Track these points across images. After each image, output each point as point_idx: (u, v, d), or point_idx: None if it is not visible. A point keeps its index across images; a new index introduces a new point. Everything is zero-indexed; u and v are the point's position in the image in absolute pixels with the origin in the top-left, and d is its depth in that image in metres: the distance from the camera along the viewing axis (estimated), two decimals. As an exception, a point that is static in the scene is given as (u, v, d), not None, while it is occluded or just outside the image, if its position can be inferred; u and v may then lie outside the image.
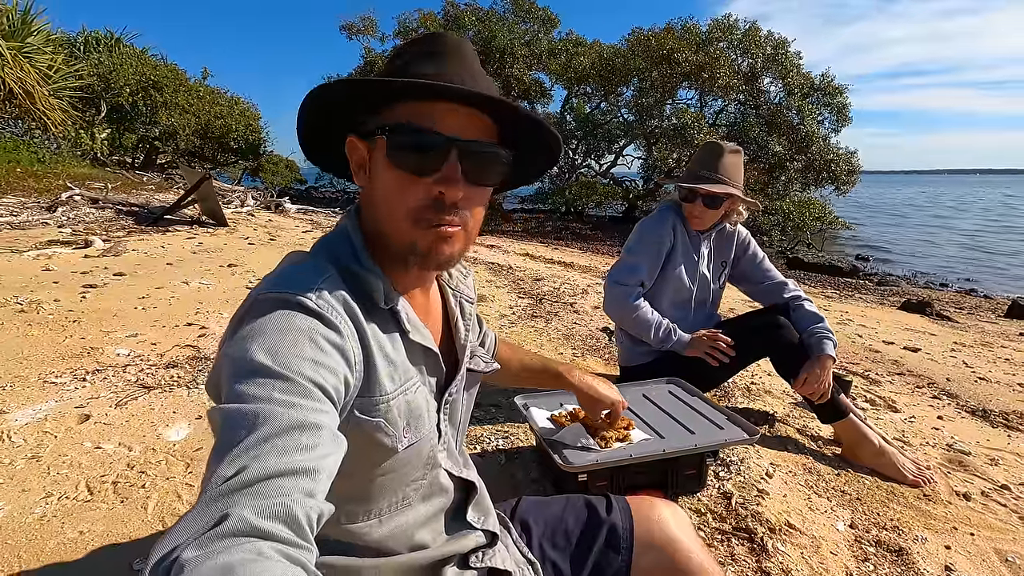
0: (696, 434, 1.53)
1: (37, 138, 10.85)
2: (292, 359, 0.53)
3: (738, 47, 13.82)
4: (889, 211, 29.52)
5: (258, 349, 0.53)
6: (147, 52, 14.41)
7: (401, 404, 0.67)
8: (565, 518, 1.01)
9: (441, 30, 14.86)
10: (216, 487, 0.43)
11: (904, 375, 2.98)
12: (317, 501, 0.46)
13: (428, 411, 0.73)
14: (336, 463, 0.51)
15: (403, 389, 0.68)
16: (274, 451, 0.46)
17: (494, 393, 2.27)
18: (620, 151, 16.15)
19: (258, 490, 0.43)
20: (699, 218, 2.03)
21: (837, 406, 1.91)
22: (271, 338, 0.54)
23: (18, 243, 4.79)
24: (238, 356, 0.53)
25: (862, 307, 5.63)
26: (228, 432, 0.47)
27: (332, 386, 0.55)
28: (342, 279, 0.65)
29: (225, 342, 0.58)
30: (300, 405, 0.50)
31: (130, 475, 1.63)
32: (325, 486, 0.48)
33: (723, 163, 1.97)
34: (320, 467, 0.48)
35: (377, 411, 0.65)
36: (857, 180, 14.10)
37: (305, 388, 0.52)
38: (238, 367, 0.52)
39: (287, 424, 0.48)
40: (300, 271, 0.63)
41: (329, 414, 0.53)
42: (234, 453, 0.45)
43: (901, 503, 1.68)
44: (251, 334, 0.55)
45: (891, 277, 9.62)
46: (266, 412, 0.48)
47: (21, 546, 1.32)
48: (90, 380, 2.27)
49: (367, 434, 0.65)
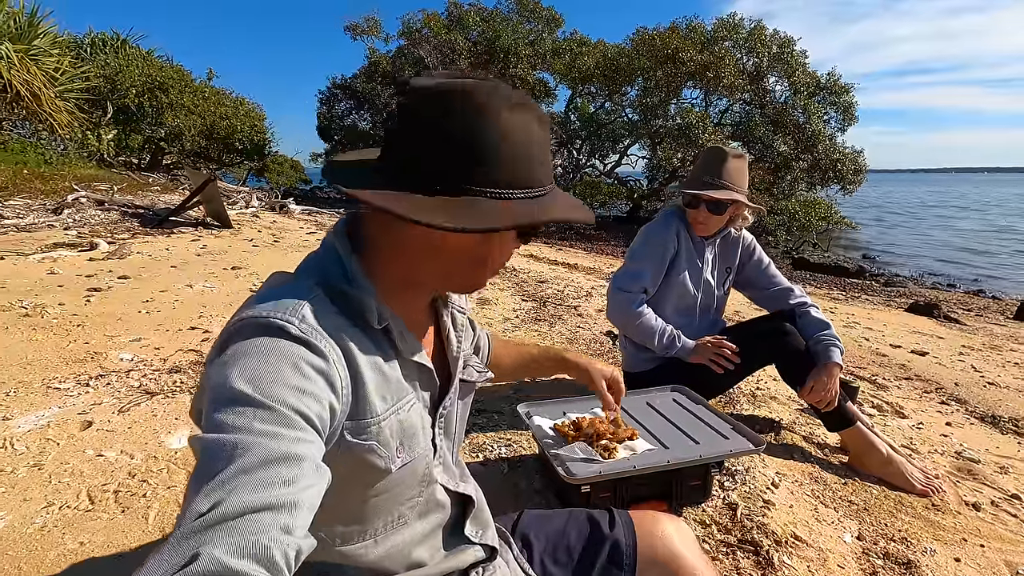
0: (700, 444, 1.51)
1: (44, 139, 10.92)
2: (274, 387, 0.51)
3: (743, 46, 13.76)
4: (896, 210, 29.34)
5: (239, 376, 0.51)
6: (153, 53, 14.50)
7: (393, 424, 0.66)
8: (567, 533, 1.00)
9: (446, 31, 14.92)
10: (189, 523, 0.41)
11: (912, 380, 2.95)
12: (295, 538, 0.44)
13: (423, 428, 0.71)
14: (318, 495, 0.49)
15: (395, 408, 0.67)
16: (251, 484, 0.44)
17: (497, 400, 2.26)
18: (624, 151, 16.11)
19: (233, 527, 0.41)
20: (703, 224, 2.01)
21: (844, 414, 1.88)
22: (253, 365, 0.53)
23: (24, 246, 4.81)
24: (219, 383, 0.52)
25: (868, 309, 5.58)
26: (205, 464, 0.46)
27: (316, 414, 0.54)
28: (330, 299, 0.63)
29: (208, 366, 0.57)
30: (281, 435, 0.49)
31: (131, 484, 1.62)
32: (305, 521, 0.47)
33: (727, 168, 1.94)
34: (300, 501, 0.46)
35: (368, 433, 0.63)
36: (863, 179, 14.02)
37: (287, 417, 0.50)
38: (218, 395, 0.51)
39: (267, 456, 0.46)
40: (284, 293, 0.61)
41: (312, 444, 0.52)
42: (210, 487, 0.44)
43: (909, 513, 1.66)
44: (233, 360, 0.53)
45: (898, 278, 9.55)
46: (245, 443, 0.47)
47: (21, 557, 1.31)
48: (93, 386, 2.27)
49: (359, 456, 0.63)
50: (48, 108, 8.58)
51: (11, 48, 7.70)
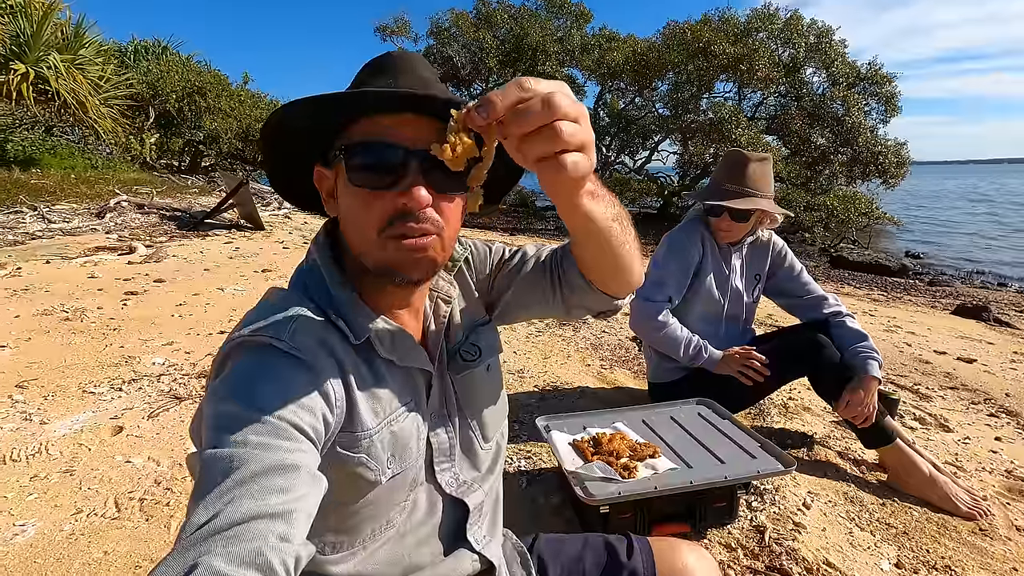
0: (726, 464, 1.44)
1: (90, 145, 11.39)
2: (267, 401, 0.53)
3: (779, 37, 13.35)
4: (943, 203, 28.05)
5: (232, 393, 0.54)
6: (192, 59, 14.96)
7: (385, 437, 0.66)
8: (583, 559, 0.96)
9: (475, 30, 14.94)
10: (189, 534, 0.43)
11: (958, 389, 2.79)
12: (293, 545, 0.45)
13: (417, 438, 0.71)
14: (315, 503, 0.50)
15: (388, 420, 0.66)
16: (248, 494, 0.45)
17: (516, 409, 2.23)
18: (655, 147, 15.84)
19: (230, 535, 0.42)
20: (727, 232, 1.95)
21: (882, 430, 1.78)
22: (246, 382, 0.55)
23: (68, 250, 5.01)
24: (215, 402, 0.54)
25: (911, 311, 5.33)
26: (204, 478, 0.47)
27: (309, 424, 0.55)
28: (319, 312, 0.64)
29: (208, 388, 0.59)
30: (276, 446, 0.50)
31: (156, 492, 1.65)
32: (303, 529, 0.47)
33: (748, 174, 1.87)
34: (296, 509, 0.47)
35: (359, 447, 0.64)
36: (907, 173, 13.44)
37: (281, 428, 0.52)
38: (215, 412, 0.53)
39: (262, 467, 0.48)
40: (276, 311, 0.62)
41: (307, 453, 0.53)
42: (208, 499, 0.45)
43: (954, 538, 1.56)
44: (228, 379, 0.56)
45: (944, 276, 9.10)
46: (241, 455, 0.48)
47: (49, 565, 1.35)
48: (126, 390, 2.34)
49: (349, 469, 0.64)
50: (93, 115, 8.93)
51: (58, 58, 8.02)
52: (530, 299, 0.85)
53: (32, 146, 10.71)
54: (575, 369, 2.77)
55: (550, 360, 2.88)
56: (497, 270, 0.87)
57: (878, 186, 13.58)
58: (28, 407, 2.15)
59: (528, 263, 0.85)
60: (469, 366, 0.80)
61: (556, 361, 2.87)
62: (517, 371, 2.70)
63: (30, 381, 2.37)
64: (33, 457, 1.81)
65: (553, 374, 2.68)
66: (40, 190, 7.62)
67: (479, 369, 0.81)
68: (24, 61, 7.34)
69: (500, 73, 15.72)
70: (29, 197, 7.15)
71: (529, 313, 0.88)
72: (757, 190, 1.87)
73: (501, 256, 0.88)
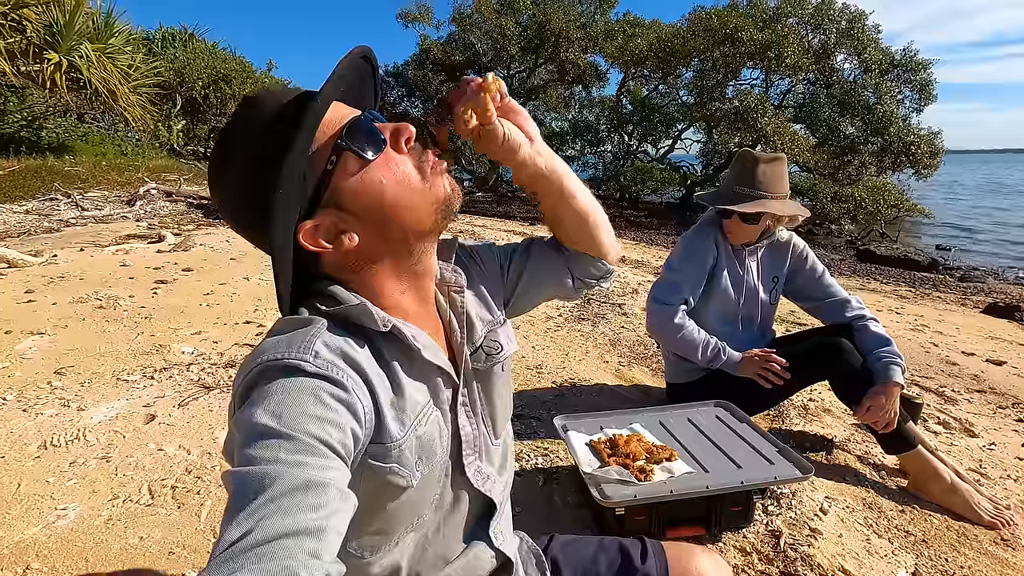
0: (743, 469, 1.45)
1: (120, 132, 11.64)
2: (296, 418, 0.54)
3: (809, 22, 12.95)
4: (978, 195, 27.11)
5: (263, 413, 0.54)
6: (217, 46, 15.11)
7: (412, 443, 0.67)
8: (597, 562, 0.98)
9: (497, 16, 14.79)
10: (222, 551, 0.44)
11: (985, 393, 2.73)
12: (324, 563, 0.46)
13: (440, 436, 0.72)
14: (345, 520, 0.51)
15: (413, 426, 0.67)
16: (279, 512, 0.46)
17: (535, 406, 2.26)
18: (678, 135, 15.58)
19: (262, 553, 0.43)
20: (739, 234, 1.96)
21: (904, 436, 1.77)
22: (275, 402, 0.55)
23: (101, 237, 5.16)
24: (245, 422, 0.55)
25: (940, 310, 5.20)
26: (237, 496, 0.48)
27: (339, 441, 0.56)
28: (337, 328, 0.64)
29: (233, 413, 0.59)
30: (306, 464, 0.51)
31: (187, 480, 1.72)
32: (334, 545, 0.48)
33: (758, 176, 1.86)
34: (327, 526, 0.48)
35: (389, 457, 0.65)
36: (940, 163, 13.01)
37: (311, 446, 0.53)
38: (246, 433, 0.54)
39: (293, 484, 0.49)
40: (294, 333, 0.62)
41: (338, 471, 0.54)
42: (241, 516, 0.46)
43: (974, 548, 1.54)
44: (256, 401, 0.56)
45: (976, 272, 8.81)
46: (273, 473, 0.49)
47: (88, 549, 1.42)
48: (157, 378, 2.42)
49: (382, 478, 0.65)
50: (123, 103, 9.09)
51: (90, 48, 8.17)
52: (546, 279, 0.91)
53: (65, 133, 11.02)
54: (593, 366, 2.79)
55: (569, 356, 2.89)
56: (508, 260, 0.91)
57: (910, 177, 13.19)
58: (66, 394, 2.25)
59: (535, 245, 0.92)
60: (493, 359, 0.82)
61: (575, 357, 2.88)
62: (536, 367, 2.73)
63: (68, 368, 2.47)
64: (72, 443, 1.89)
65: (571, 370, 2.70)
66: (73, 177, 7.84)
67: (497, 366, 0.83)
68: (57, 50, 7.49)
69: (522, 60, 15.57)
70: (63, 184, 7.37)
71: (543, 294, 0.94)
72: (768, 192, 1.86)
73: (506, 249, 0.92)
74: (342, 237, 0.65)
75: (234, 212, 0.67)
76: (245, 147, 0.64)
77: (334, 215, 0.65)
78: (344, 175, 0.64)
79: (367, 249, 0.67)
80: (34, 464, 1.77)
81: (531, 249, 0.92)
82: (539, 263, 0.90)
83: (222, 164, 0.66)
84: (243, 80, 14.38)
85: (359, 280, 0.69)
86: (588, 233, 0.87)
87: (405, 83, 17.72)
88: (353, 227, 0.65)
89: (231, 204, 0.67)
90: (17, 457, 1.81)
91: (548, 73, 15.99)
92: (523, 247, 0.92)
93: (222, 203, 0.68)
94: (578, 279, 0.92)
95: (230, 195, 0.66)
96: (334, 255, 0.67)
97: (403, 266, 0.71)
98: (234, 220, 0.68)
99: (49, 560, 1.38)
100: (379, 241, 0.67)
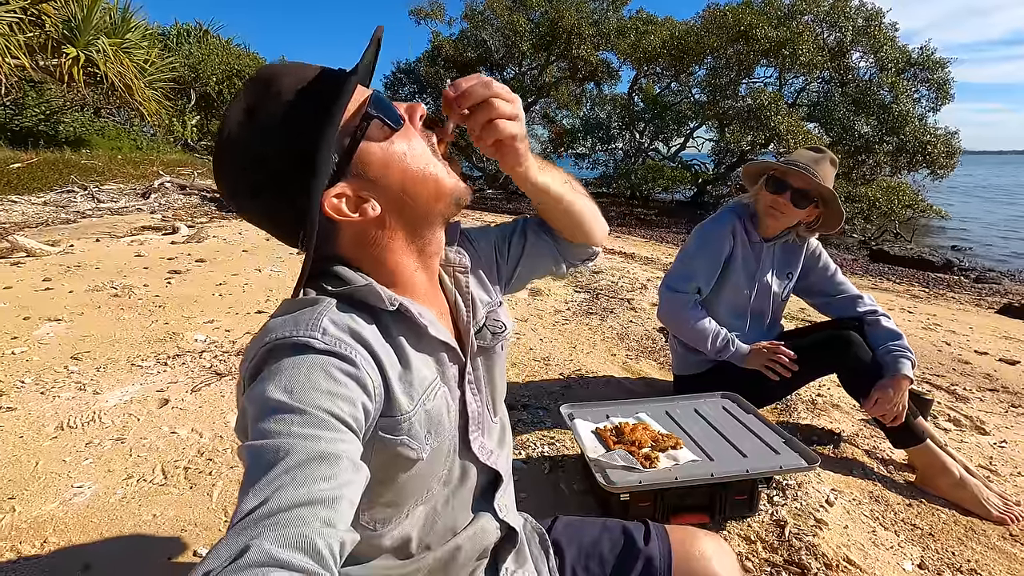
0: (748, 458, 1.45)
1: (136, 126, 11.79)
2: (308, 393, 0.55)
3: (824, 20, 12.80)
4: (996, 196, 26.67)
5: (275, 389, 0.55)
6: (231, 42, 15.26)
7: (421, 416, 0.68)
8: (600, 543, 0.99)
9: (508, 13, 14.78)
10: (240, 520, 0.46)
11: (997, 392, 2.70)
12: (338, 530, 0.47)
13: (448, 411, 0.74)
14: (358, 492, 0.53)
15: (421, 401, 0.69)
16: (294, 483, 0.48)
17: (542, 396, 2.27)
18: (690, 133, 15.48)
19: (278, 520, 0.45)
20: (776, 213, 1.87)
21: (912, 430, 1.76)
22: (286, 378, 0.56)
23: (116, 229, 5.24)
24: (258, 398, 0.56)
25: (953, 309, 5.14)
26: (252, 468, 0.50)
27: (350, 415, 0.57)
28: (344, 306, 0.65)
29: (244, 391, 0.60)
30: (319, 437, 0.52)
31: (199, 461, 1.75)
32: (347, 515, 0.50)
33: (821, 168, 1.82)
34: (340, 496, 0.49)
35: (400, 429, 0.66)
36: (957, 163, 12.82)
37: (323, 419, 0.54)
38: (259, 408, 0.55)
39: (307, 456, 0.50)
40: (300, 312, 0.63)
41: (349, 443, 0.55)
42: (257, 487, 0.48)
43: (982, 542, 1.54)
44: (267, 378, 0.57)
45: (992, 273, 8.69)
46: (287, 446, 0.51)
47: (103, 525, 1.45)
48: (170, 365, 2.46)
49: (393, 450, 0.67)
50: (139, 97, 9.20)
51: (107, 43, 8.28)
52: (540, 263, 0.96)
53: (82, 127, 11.17)
54: (601, 358, 2.79)
55: (576, 349, 2.90)
56: (506, 244, 0.94)
57: (925, 177, 13.02)
58: (83, 378, 2.29)
59: (529, 229, 0.95)
60: (498, 337, 0.84)
61: (582, 350, 2.89)
62: (543, 358, 2.74)
63: (84, 353, 2.52)
64: (88, 425, 1.93)
65: (579, 362, 2.70)
66: (90, 170, 7.95)
67: (499, 344, 0.85)
68: (75, 45, 7.61)
69: (534, 57, 15.54)
70: (80, 177, 7.48)
71: (537, 275, 0.99)
72: (824, 180, 1.83)
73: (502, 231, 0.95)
74: (365, 206, 0.66)
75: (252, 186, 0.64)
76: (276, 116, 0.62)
77: (357, 183, 0.65)
78: (369, 145, 0.65)
79: (386, 221, 0.68)
80: (51, 444, 1.82)
81: (527, 233, 0.94)
82: (534, 248, 0.94)
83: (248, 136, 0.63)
84: (256, 76, 14.50)
85: (374, 256, 0.70)
86: (579, 228, 0.92)
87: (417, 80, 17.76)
88: (375, 196, 0.66)
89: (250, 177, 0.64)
90: (35, 437, 1.85)
91: (560, 70, 15.96)
92: (519, 230, 0.95)
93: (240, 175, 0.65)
94: (569, 262, 0.97)
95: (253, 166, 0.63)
96: (355, 227, 0.67)
97: (416, 243, 0.72)
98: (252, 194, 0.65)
99: (66, 534, 1.41)
100: (397, 213, 0.69)
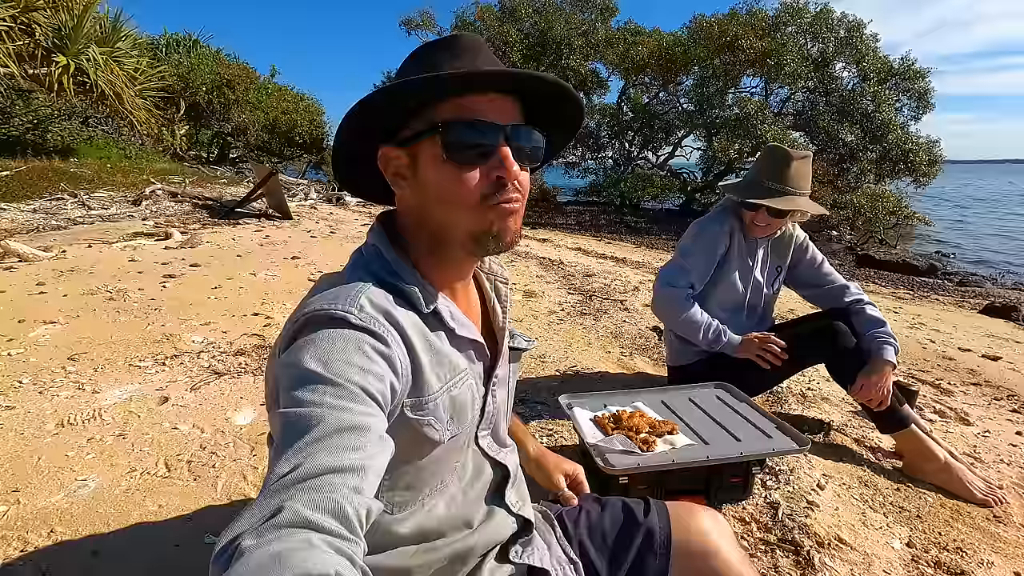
0: (742, 442, 1.50)
1: (125, 135, 11.74)
2: (342, 366, 0.58)
3: (808, 31, 13.10)
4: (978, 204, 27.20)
5: (311, 359, 0.58)
6: (221, 52, 15.25)
7: (445, 400, 0.72)
8: (602, 518, 1.03)
9: (499, 24, 14.94)
10: (273, 483, 0.49)
11: (980, 385, 2.78)
12: (365, 497, 0.50)
13: (472, 403, 0.77)
14: (383, 463, 0.55)
15: (449, 385, 0.72)
16: (325, 450, 0.51)
17: (540, 390, 2.31)
18: (678, 142, 15.69)
19: (310, 485, 0.48)
20: (763, 227, 1.97)
21: (898, 415, 1.82)
22: (322, 349, 0.60)
23: (108, 235, 5.22)
24: (292, 366, 0.59)
25: (937, 310, 5.26)
26: (285, 434, 0.53)
27: (379, 391, 0.60)
28: (383, 291, 0.69)
29: (278, 357, 0.64)
30: (350, 408, 0.55)
31: (202, 455, 1.77)
32: (373, 484, 0.52)
33: (791, 173, 1.88)
34: (368, 466, 0.52)
35: (426, 409, 0.70)
36: (939, 171, 13.12)
37: (354, 393, 0.57)
38: (294, 376, 0.58)
39: (337, 426, 0.53)
40: (340, 287, 0.67)
41: (376, 417, 0.58)
42: (290, 453, 0.51)
43: (967, 523, 1.59)
44: (304, 347, 0.60)
45: (974, 277, 8.89)
46: (319, 415, 0.53)
47: (110, 515, 1.47)
48: (169, 365, 2.47)
49: (417, 430, 0.70)
50: (129, 106, 9.18)
51: (97, 51, 8.27)
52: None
53: (70, 136, 11.10)
54: (595, 356, 2.84)
55: (571, 347, 2.95)
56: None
57: (907, 184, 13.29)
58: (81, 377, 2.29)
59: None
60: (530, 344, 0.91)
61: (577, 348, 2.94)
62: (539, 356, 2.78)
63: (81, 354, 2.52)
64: (88, 422, 1.94)
65: (574, 360, 2.75)
66: (79, 178, 7.91)
67: (522, 353, 0.91)
68: (65, 54, 7.59)
69: (524, 67, 15.67)
70: (69, 184, 7.43)
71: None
72: (798, 188, 1.90)
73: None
74: (401, 182, 0.72)
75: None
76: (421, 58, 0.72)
77: (405, 161, 0.71)
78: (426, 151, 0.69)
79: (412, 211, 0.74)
80: (52, 440, 1.82)
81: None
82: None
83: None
84: (246, 86, 14.52)
85: (414, 231, 0.75)
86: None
87: (407, 90, 17.84)
88: (410, 184, 0.72)
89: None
90: (36, 434, 1.85)
91: (550, 80, 16.11)
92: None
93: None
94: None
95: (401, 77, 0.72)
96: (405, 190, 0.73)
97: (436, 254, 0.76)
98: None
99: (72, 524, 1.42)
100: (420, 217, 0.74)
